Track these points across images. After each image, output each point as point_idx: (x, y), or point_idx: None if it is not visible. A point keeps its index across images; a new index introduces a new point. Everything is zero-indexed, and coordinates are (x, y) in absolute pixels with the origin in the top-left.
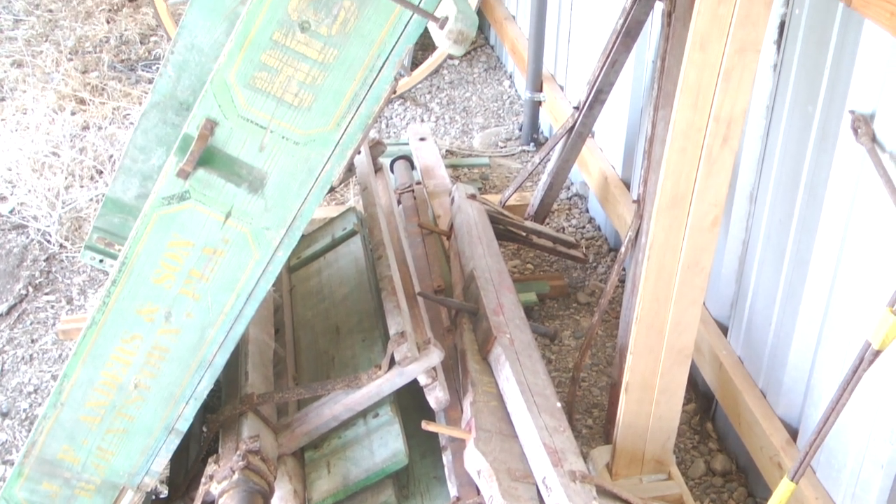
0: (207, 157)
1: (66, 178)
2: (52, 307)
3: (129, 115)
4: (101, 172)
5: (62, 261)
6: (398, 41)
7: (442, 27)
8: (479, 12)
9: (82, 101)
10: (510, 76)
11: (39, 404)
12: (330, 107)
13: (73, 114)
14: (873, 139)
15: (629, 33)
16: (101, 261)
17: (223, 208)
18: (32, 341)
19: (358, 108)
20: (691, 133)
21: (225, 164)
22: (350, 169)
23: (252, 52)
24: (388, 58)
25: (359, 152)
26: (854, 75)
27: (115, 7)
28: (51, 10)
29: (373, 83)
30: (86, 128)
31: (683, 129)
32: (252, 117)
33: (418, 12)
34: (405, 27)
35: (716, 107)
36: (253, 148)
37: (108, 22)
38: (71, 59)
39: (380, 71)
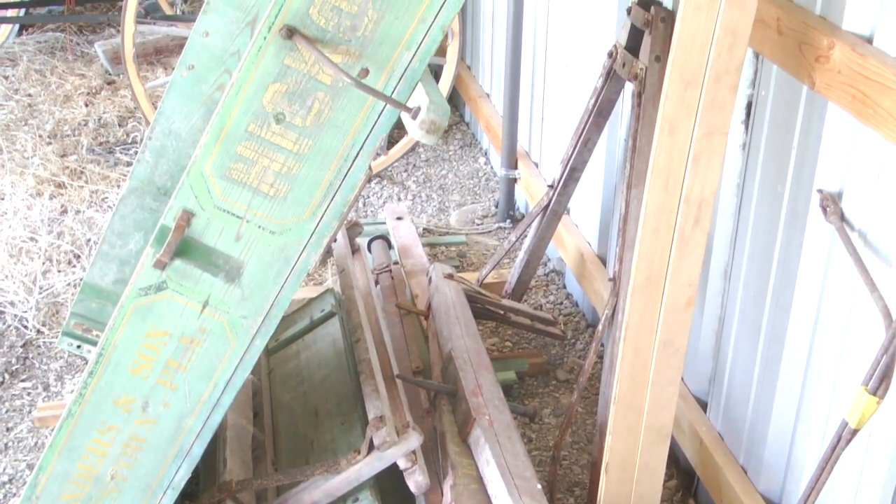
0: (184, 247)
1: (43, 263)
2: (29, 394)
3: (107, 198)
4: (79, 257)
5: (39, 346)
6: (372, 131)
7: (415, 117)
8: (454, 89)
9: (61, 185)
10: (486, 153)
11: (14, 494)
12: (305, 196)
13: (51, 198)
14: (842, 218)
15: (601, 113)
16: (78, 346)
17: (200, 298)
18: (7, 430)
19: (333, 197)
20: (663, 215)
21: (202, 254)
22: (327, 251)
23: (228, 144)
24: (362, 147)
25: (335, 240)
26: (821, 155)
27: (94, 90)
28: (30, 95)
29: (347, 172)
30: (64, 212)
31: (655, 210)
32: (228, 208)
33: (391, 103)
34: (378, 117)
35: (686, 189)
36: (229, 238)
37: (86, 105)
38: (50, 143)
39: (354, 160)
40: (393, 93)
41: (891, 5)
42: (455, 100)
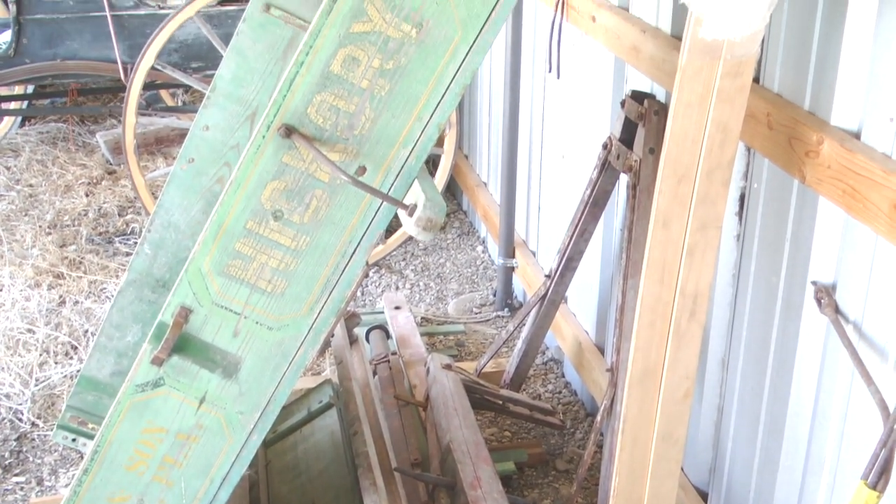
0: (182, 343)
1: (40, 355)
2: (22, 489)
3: (105, 288)
4: (76, 348)
5: (33, 440)
6: (369, 228)
7: (411, 214)
8: (452, 178)
9: (59, 276)
10: (483, 242)
11: None
12: (303, 292)
13: (49, 288)
14: (836, 310)
15: (597, 203)
16: (73, 440)
17: (197, 394)
18: None
19: (331, 292)
20: (659, 307)
21: (199, 350)
22: (326, 342)
23: (226, 241)
24: (359, 244)
25: (332, 334)
26: (814, 247)
27: (95, 180)
28: (31, 185)
29: (345, 268)
30: (62, 302)
31: (651, 303)
32: (226, 304)
33: (388, 200)
34: (375, 214)
35: (681, 282)
36: (227, 334)
37: (87, 195)
38: (49, 233)
39: (351, 256)
40: (390, 190)
41: (876, 102)
42: (453, 188)
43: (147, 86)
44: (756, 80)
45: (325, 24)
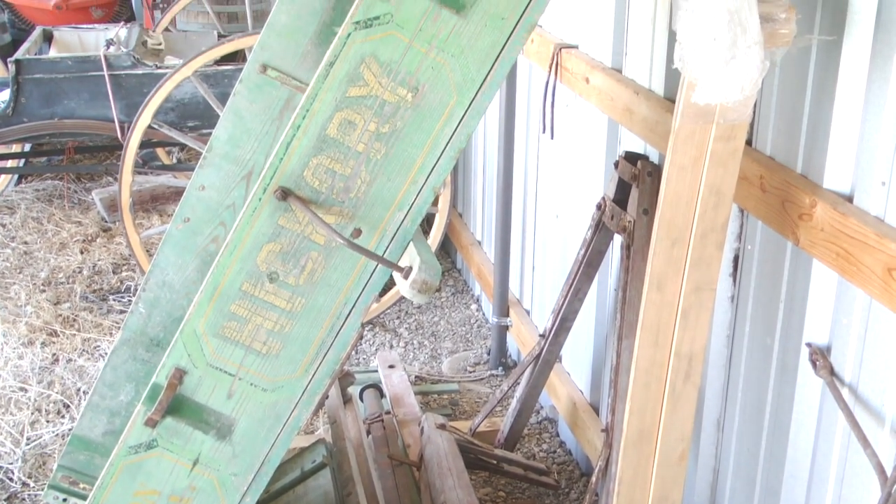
0: (176, 405)
1: (32, 414)
2: None
3: (99, 346)
4: (69, 407)
5: (24, 500)
6: (364, 290)
7: (406, 277)
8: (446, 236)
9: (53, 333)
10: (477, 300)
11: None
12: (298, 354)
13: (43, 346)
14: (832, 372)
15: (591, 263)
16: (64, 500)
17: (191, 456)
18: None
19: (325, 354)
20: (654, 369)
21: (193, 411)
22: (320, 402)
23: (222, 302)
24: (354, 305)
25: (327, 396)
26: (808, 308)
27: (90, 237)
28: (26, 242)
29: (340, 330)
30: (55, 360)
31: (646, 365)
32: (221, 365)
33: (383, 263)
34: (371, 276)
35: (676, 344)
36: (221, 395)
37: (81, 252)
38: (44, 291)
39: (346, 318)
40: (385, 252)
41: (867, 166)
42: (447, 247)
43: (143, 144)
44: (749, 142)
45: (321, 89)
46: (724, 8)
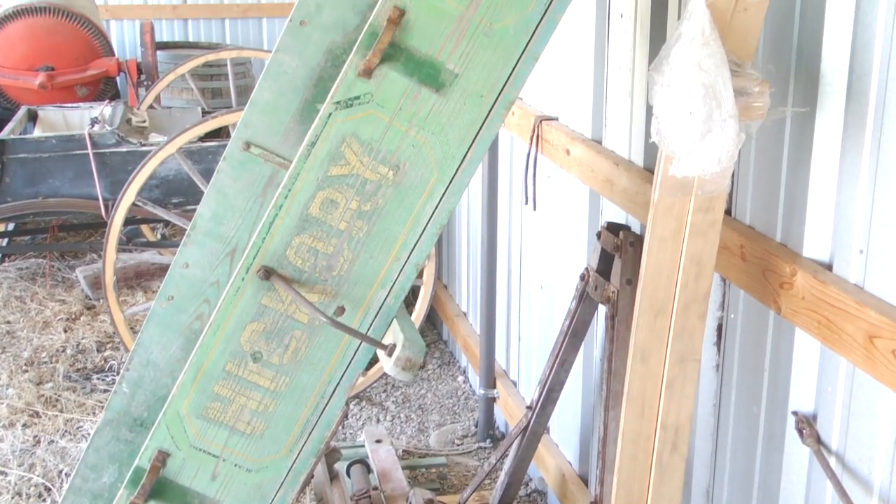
0: (159, 488)
1: (12, 498)
2: None
3: (81, 426)
4: (50, 490)
5: None
6: (348, 368)
7: (390, 354)
8: (432, 308)
9: (35, 414)
10: (464, 371)
11: None
12: (282, 434)
13: (24, 427)
14: (818, 441)
15: (576, 334)
16: None
17: None
18: None
19: (310, 433)
20: (640, 441)
21: (177, 494)
22: (306, 480)
23: (205, 383)
24: (338, 384)
25: (312, 475)
26: (793, 377)
27: (74, 316)
28: (9, 322)
29: (324, 409)
30: (37, 442)
31: (632, 437)
32: (204, 447)
33: (367, 341)
34: (354, 354)
35: (662, 415)
36: (205, 477)
37: (65, 331)
38: (26, 371)
39: (331, 397)
40: (369, 330)
41: (845, 234)
42: (433, 318)
43: (127, 221)
44: (728, 212)
45: (303, 168)
46: (699, 83)
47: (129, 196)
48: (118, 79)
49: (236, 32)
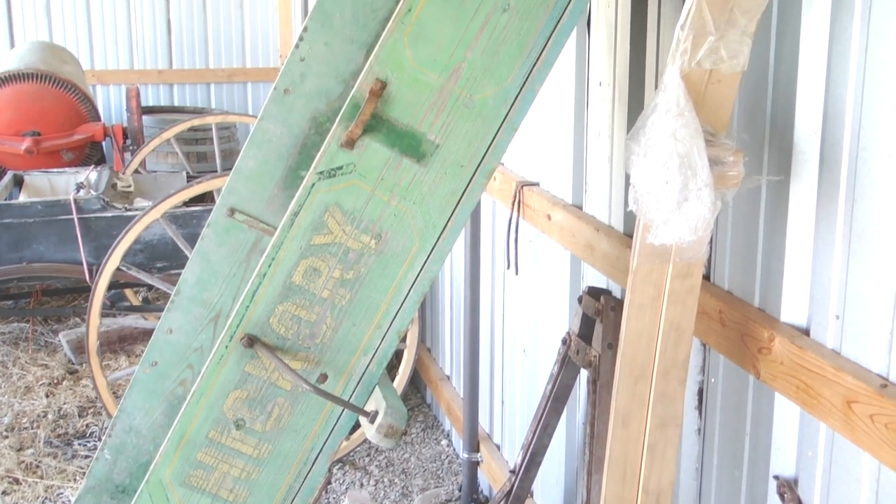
0: None
1: None
2: None
3: (62, 493)
4: None
5: None
6: (331, 435)
7: (372, 421)
8: (415, 371)
9: (15, 482)
10: (448, 435)
11: None
12: (265, 501)
13: (4, 494)
14: None
15: (558, 398)
16: None
17: None
18: None
19: (293, 500)
20: None
21: None
22: None
23: (188, 451)
24: (321, 451)
25: None
26: (773, 441)
27: (56, 380)
28: None
29: (307, 475)
30: None
31: (614, 502)
32: None
33: (349, 408)
34: (337, 421)
35: (643, 480)
36: None
37: (47, 396)
38: (6, 437)
39: (314, 464)
40: (351, 397)
41: (821, 300)
42: (416, 382)
43: (112, 286)
44: (707, 277)
45: (286, 237)
46: (675, 152)
47: (114, 261)
48: (104, 143)
49: (221, 97)
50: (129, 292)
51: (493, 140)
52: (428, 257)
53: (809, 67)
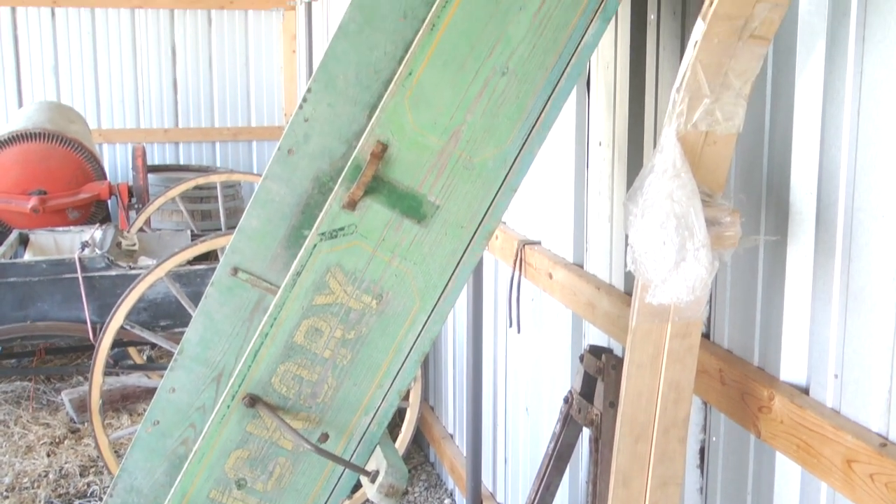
0: None
1: None
2: None
3: None
4: None
5: None
6: (332, 494)
7: (373, 481)
8: (418, 430)
9: None
10: (451, 494)
11: None
12: None
13: None
14: None
15: (561, 457)
16: None
17: None
18: None
19: None
20: None
21: None
22: None
23: None
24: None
25: None
26: (775, 499)
27: (57, 439)
28: None
29: None
30: None
31: None
32: None
33: (350, 468)
34: (338, 481)
35: None
36: None
37: (48, 455)
38: (7, 497)
39: None
40: (352, 457)
41: (820, 359)
42: (419, 440)
43: (115, 343)
44: (707, 336)
45: (288, 297)
46: (672, 213)
47: (118, 320)
48: (109, 201)
49: (227, 155)
50: (132, 350)
51: (492, 201)
52: (429, 317)
53: (804, 128)
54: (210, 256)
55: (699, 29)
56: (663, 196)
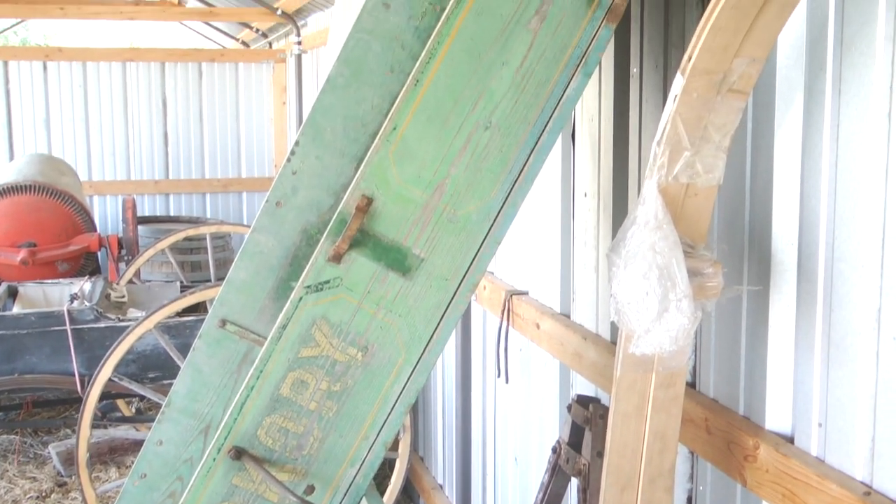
0: None
1: None
2: None
3: None
4: None
5: None
6: None
7: None
8: (408, 480)
9: None
10: None
11: None
12: None
13: None
14: None
15: None
16: None
17: None
18: None
19: None
20: None
21: None
22: None
23: None
24: None
25: None
26: None
27: (44, 494)
28: None
29: None
30: None
31: None
32: None
33: None
34: None
35: None
36: None
37: None
38: None
39: None
40: None
41: (803, 408)
42: (409, 491)
43: (103, 396)
44: (693, 385)
45: (274, 350)
46: (654, 264)
47: (106, 372)
48: (99, 253)
49: (217, 206)
50: (121, 403)
51: (476, 254)
52: (414, 369)
53: (784, 180)
54: (200, 308)
55: (678, 83)
56: (646, 247)
